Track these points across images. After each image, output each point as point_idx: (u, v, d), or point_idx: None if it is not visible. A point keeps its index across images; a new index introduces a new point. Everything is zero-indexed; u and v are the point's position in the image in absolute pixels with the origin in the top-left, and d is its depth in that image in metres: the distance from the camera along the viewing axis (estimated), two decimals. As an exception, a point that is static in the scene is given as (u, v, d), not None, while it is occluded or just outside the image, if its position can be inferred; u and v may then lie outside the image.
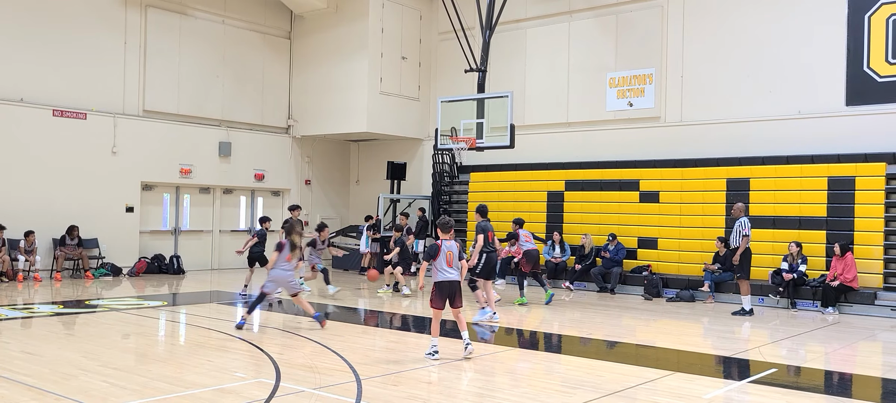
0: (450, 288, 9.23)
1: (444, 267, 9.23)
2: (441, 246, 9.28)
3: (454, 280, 9.25)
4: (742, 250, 13.96)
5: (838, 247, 14.70)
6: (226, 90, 21.87)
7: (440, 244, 9.33)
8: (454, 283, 9.25)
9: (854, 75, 16.21)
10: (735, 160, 17.36)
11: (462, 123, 17.33)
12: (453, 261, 9.25)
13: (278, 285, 11.54)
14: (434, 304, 9.26)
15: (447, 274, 9.22)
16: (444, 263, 9.23)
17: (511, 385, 8.08)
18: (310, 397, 7.40)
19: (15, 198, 17.62)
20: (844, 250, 14.69)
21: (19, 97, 17.87)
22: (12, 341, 10.12)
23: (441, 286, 9.23)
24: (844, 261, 14.62)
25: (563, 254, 18.57)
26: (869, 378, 9.38)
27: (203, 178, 21.38)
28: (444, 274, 9.23)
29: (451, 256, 9.23)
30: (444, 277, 9.22)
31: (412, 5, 22.69)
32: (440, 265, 9.24)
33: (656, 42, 18.93)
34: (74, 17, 18.82)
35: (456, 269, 9.27)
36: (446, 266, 9.23)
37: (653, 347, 10.95)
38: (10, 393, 7.25)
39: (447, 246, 9.29)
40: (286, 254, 11.42)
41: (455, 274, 9.26)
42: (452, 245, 9.33)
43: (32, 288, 16.11)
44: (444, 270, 9.23)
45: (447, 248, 9.26)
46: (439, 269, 9.25)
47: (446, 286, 9.23)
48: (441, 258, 9.23)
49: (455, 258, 9.27)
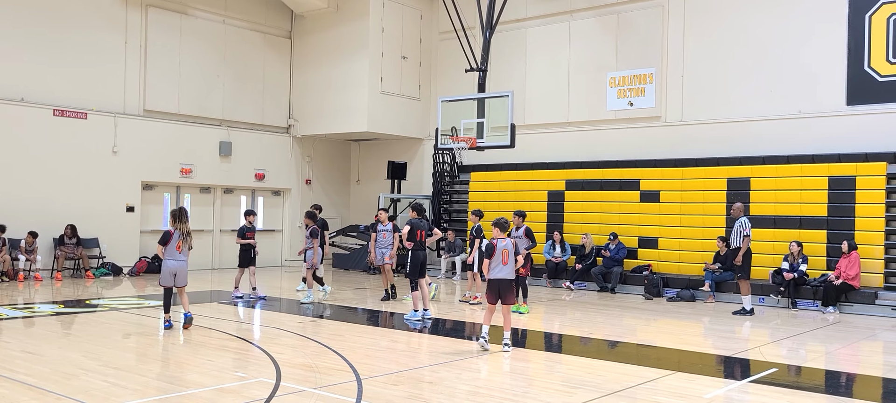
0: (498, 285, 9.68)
1: (498, 264, 9.63)
2: (497, 245, 9.67)
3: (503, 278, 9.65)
4: (744, 250, 13.92)
5: (846, 245, 14.70)
6: (226, 90, 21.87)
7: (495, 243, 9.72)
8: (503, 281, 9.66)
9: (855, 75, 16.20)
10: (735, 160, 17.36)
11: (462, 123, 17.32)
12: (509, 259, 9.62)
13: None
14: (488, 298, 9.87)
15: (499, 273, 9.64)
16: (498, 261, 9.62)
17: (512, 385, 8.08)
18: (310, 396, 7.40)
19: (15, 198, 17.63)
20: (851, 248, 14.69)
21: (20, 97, 17.88)
22: (13, 341, 10.13)
23: (491, 283, 9.72)
24: (850, 259, 14.63)
25: (563, 254, 18.57)
26: (870, 377, 9.38)
27: (204, 178, 21.39)
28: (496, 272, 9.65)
29: (507, 254, 9.61)
30: (495, 275, 9.66)
31: (413, 5, 22.69)
32: (494, 263, 9.63)
33: (657, 42, 18.92)
34: (75, 17, 18.82)
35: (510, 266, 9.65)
36: (502, 263, 9.61)
37: (653, 347, 10.95)
38: (11, 393, 7.25)
39: (502, 244, 9.67)
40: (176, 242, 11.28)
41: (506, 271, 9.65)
42: (508, 243, 9.71)
43: (33, 288, 16.11)
44: (497, 268, 9.63)
45: (503, 247, 9.65)
46: (491, 267, 9.64)
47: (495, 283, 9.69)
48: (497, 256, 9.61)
49: (511, 256, 9.64)
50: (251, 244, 14.93)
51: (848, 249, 14.70)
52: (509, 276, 9.68)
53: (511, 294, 9.78)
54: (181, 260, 11.32)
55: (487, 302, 9.91)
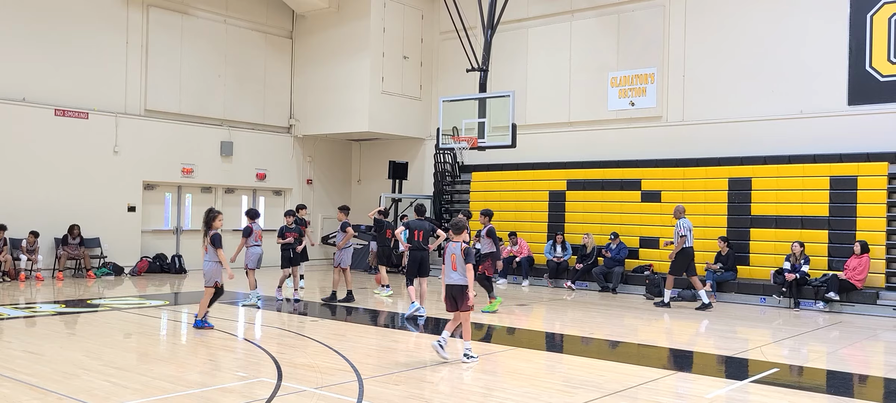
0: (447, 291, 9.13)
1: (447, 270, 9.13)
2: (446, 249, 9.19)
3: (451, 283, 9.09)
4: (678, 249, 14.66)
5: (859, 246, 14.68)
6: (227, 90, 21.88)
7: (446, 247, 9.26)
8: (453, 286, 9.08)
9: (856, 75, 16.19)
10: (737, 160, 17.35)
11: (464, 123, 17.33)
12: (457, 264, 9.01)
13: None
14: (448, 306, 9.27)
15: (448, 278, 9.12)
16: (448, 266, 9.12)
17: (513, 385, 8.08)
18: (311, 396, 7.40)
19: (17, 198, 17.64)
20: (863, 249, 14.67)
21: (21, 97, 17.89)
22: (15, 340, 10.13)
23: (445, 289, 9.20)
24: (861, 261, 14.61)
25: (564, 254, 18.57)
26: (871, 377, 9.38)
27: (205, 178, 21.39)
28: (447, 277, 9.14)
29: (455, 258, 9.03)
30: (445, 280, 9.16)
31: (414, 5, 22.69)
32: (446, 267, 9.16)
33: (658, 41, 18.92)
34: (76, 17, 18.83)
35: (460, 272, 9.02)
36: (450, 269, 9.10)
37: (654, 347, 10.95)
38: (12, 393, 7.26)
39: (452, 248, 9.13)
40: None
41: (455, 277, 9.06)
42: (456, 247, 9.10)
43: (34, 288, 16.12)
44: (448, 273, 9.13)
45: (451, 251, 9.11)
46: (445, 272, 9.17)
47: (446, 289, 9.16)
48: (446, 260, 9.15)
49: (458, 260, 9.01)
50: (289, 243, 14.56)
51: (860, 251, 14.67)
52: (461, 282, 8.99)
53: (465, 299, 9.01)
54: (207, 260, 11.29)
55: (447, 309, 9.27)
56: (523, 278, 18.82)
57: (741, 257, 16.52)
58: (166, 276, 19.37)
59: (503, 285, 18.62)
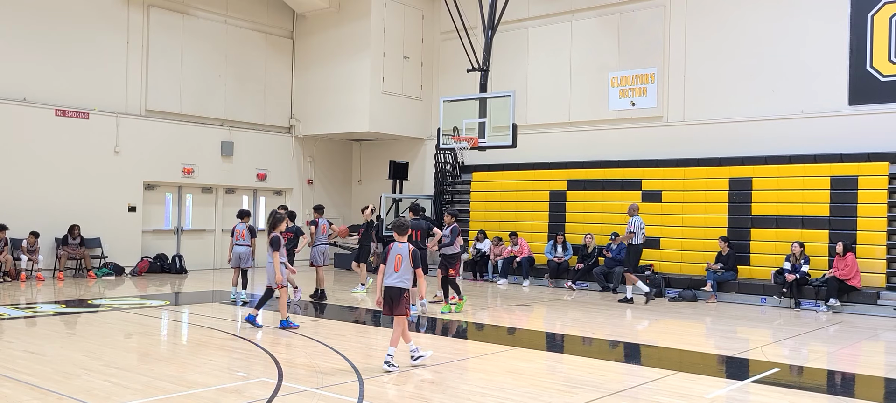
0: (388, 293, 8.66)
1: (390, 271, 8.65)
2: (390, 250, 8.70)
3: (393, 286, 8.62)
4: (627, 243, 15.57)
5: (841, 246, 14.69)
6: (228, 90, 21.89)
7: (390, 247, 8.74)
8: (394, 289, 8.62)
9: (856, 75, 16.19)
10: (737, 160, 17.35)
11: (464, 123, 17.33)
12: (401, 265, 8.60)
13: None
14: (383, 311, 8.77)
15: (389, 279, 8.65)
16: (390, 268, 8.65)
17: (513, 385, 8.08)
18: (312, 396, 7.40)
19: (17, 198, 17.65)
20: (846, 250, 14.69)
21: (22, 97, 17.90)
22: (15, 340, 10.14)
23: (385, 290, 8.69)
24: (845, 261, 14.62)
25: (565, 254, 18.57)
26: (872, 377, 9.37)
27: (205, 178, 21.40)
28: (388, 279, 8.66)
29: (400, 259, 8.61)
30: (387, 282, 8.65)
31: (414, 5, 22.69)
32: (387, 270, 8.67)
33: (658, 41, 18.91)
34: (77, 17, 18.84)
35: (404, 273, 8.62)
36: (393, 269, 8.63)
37: (655, 347, 10.95)
38: (13, 393, 7.26)
39: (396, 248, 8.68)
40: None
41: (397, 279, 8.61)
42: (402, 248, 8.68)
43: (35, 288, 16.13)
44: (389, 274, 8.65)
45: (396, 252, 8.66)
46: (386, 274, 8.68)
47: (385, 291, 8.68)
48: (389, 262, 8.66)
49: (404, 261, 8.59)
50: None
51: (842, 251, 14.68)
52: (402, 285, 8.57)
53: (402, 304, 8.58)
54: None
55: (386, 314, 8.73)
56: (524, 278, 18.83)
57: (742, 257, 16.52)
58: (167, 276, 19.38)
59: (504, 285, 18.63)
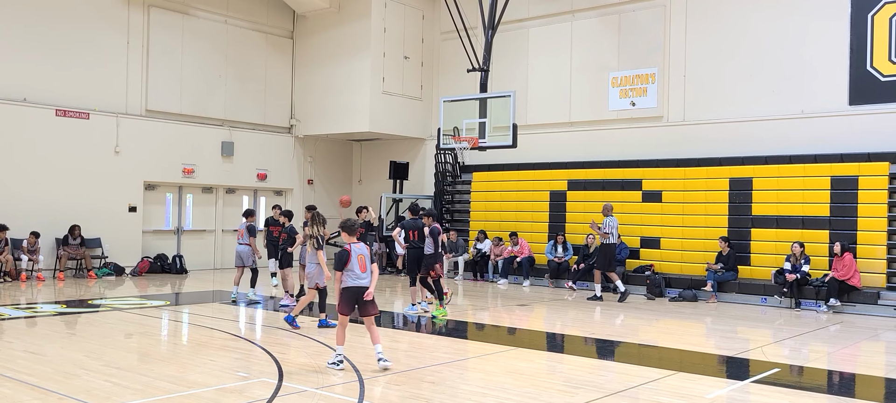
0: (360, 293, 8.52)
1: (356, 271, 8.51)
2: (351, 252, 8.54)
3: (364, 285, 8.53)
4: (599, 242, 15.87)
5: (838, 247, 14.69)
6: (228, 90, 21.89)
7: (349, 249, 8.56)
8: (363, 289, 8.51)
9: (857, 75, 16.18)
10: (737, 159, 17.35)
11: (464, 123, 17.33)
12: (366, 265, 8.58)
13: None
14: (342, 309, 8.55)
15: (359, 279, 8.53)
16: (357, 268, 8.52)
17: (514, 385, 8.08)
18: (312, 396, 7.40)
19: (18, 198, 17.65)
20: (844, 250, 14.68)
21: (22, 97, 17.90)
22: (16, 340, 10.14)
23: (350, 290, 8.53)
24: (843, 261, 14.61)
25: (565, 254, 18.56)
26: (872, 377, 9.37)
27: (206, 178, 21.40)
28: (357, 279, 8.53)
29: (363, 259, 8.56)
30: (355, 282, 8.52)
31: (414, 5, 22.69)
32: (352, 271, 8.50)
33: (659, 41, 18.91)
34: (77, 17, 18.84)
35: (369, 273, 8.58)
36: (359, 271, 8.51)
37: (655, 347, 10.95)
38: (13, 393, 7.26)
39: (357, 249, 8.58)
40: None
41: (366, 278, 8.55)
42: (362, 248, 8.65)
43: (35, 288, 16.13)
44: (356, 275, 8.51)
45: (358, 252, 8.56)
46: (350, 275, 8.51)
47: (355, 291, 8.52)
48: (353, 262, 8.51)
49: (367, 261, 8.60)
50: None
51: (840, 251, 14.67)
52: (368, 284, 8.53)
53: (370, 304, 8.53)
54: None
55: (340, 313, 8.53)
56: (524, 278, 18.82)
57: (742, 257, 16.52)
58: (167, 276, 19.38)
59: (504, 285, 18.63)
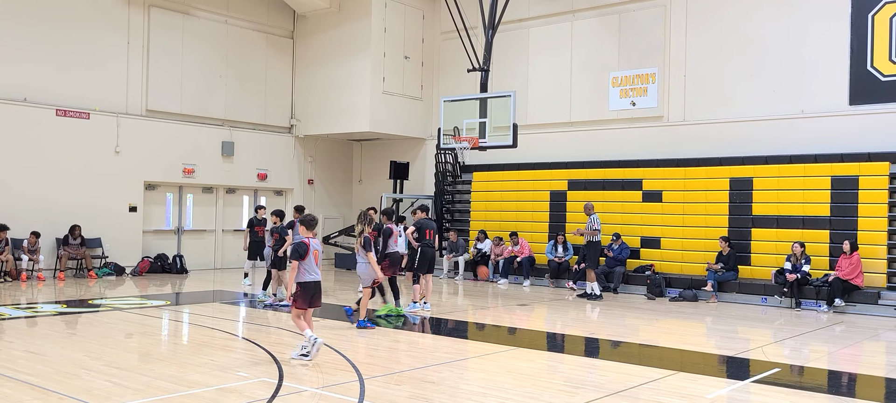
0: (315, 288, 9.06)
1: (312, 267, 9.01)
2: (310, 245, 9.00)
3: (319, 280, 9.11)
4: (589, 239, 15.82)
5: (848, 245, 14.68)
6: (229, 90, 21.89)
7: (308, 243, 9.00)
8: (318, 283, 9.10)
9: (857, 74, 16.18)
10: (738, 159, 17.35)
11: (465, 123, 17.33)
12: (319, 260, 9.13)
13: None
14: (299, 305, 9.01)
15: (315, 274, 9.02)
16: (313, 263, 9.01)
17: (514, 385, 8.08)
18: (313, 396, 7.40)
19: (18, 198, 17.65)
20: (853, 248, 14.67)
21: (23, 97, 17.90)
22: (16, 340, 10.14)
23: (307, 286, 9.00)
24: (851, 260, 14.60)
25: (565, 254, 18.56)
26: (873, 377, 9.37)
27: (206, 178, 21.40)
28: (312, 274, 9.01)
29: (318, 255, 9.07)
30: (312, 277, 9.01)
31: (415, 5, 22.69)
32: (308, 265, 8.99)
33: (659, 41, 18.91)
34: (78, 17, 18.84)
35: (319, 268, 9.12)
36: (314, 265, 9.02)
37: (656, 347, 10.94)
38: (13, 393, 7.26)
39: (314, 244, 9.04)
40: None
41: (319, 274, 9.10)
42: (318, 244, 9.15)
43: (36, 288, 16.13)
44: (312, 270, 9.01)
45: (314, 247, 9.02)
46: (307, 269, 8.99)
47: (313, 286, 9.03)
48: (310, 257, 8.98)
49: (320, 257, 9.13)
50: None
51: (849, 250, 14.67)
52: (320, 278, 9.13)
53: (319, 297, 9.18)
54: None
55: (297, 308, 9.01)
56: (524, 278, 18.82)
57: (742, 257, 16.52)
58: (167, 276, 19.38)
59: (504, 285, 18.63)
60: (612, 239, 17.75)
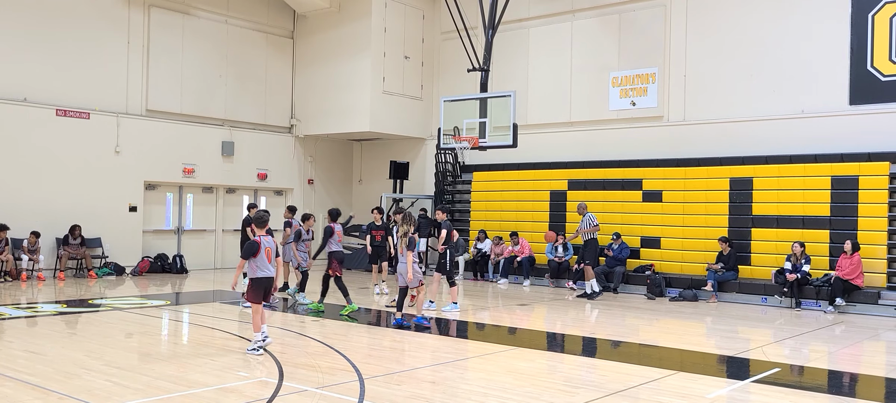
0: (267, 283, 9.49)
1: (264, 263, 9.40)
2: (261, 243, 9.41)
3: (272, 276, 9.51)
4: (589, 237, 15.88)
5: (849, 245, 14.66)
6: (229, 90, 21.89)
7: (259, 241, 9.44)
8: (271, 279, 9.51)
9: (857, 74, 16.18)
10: (738, 159, 17.35)
11: (465, 123, 17.33)
12: (271, 257, 9.48)
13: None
14: (252, 298, 9.45)
15: (267, 271, 9.43)
16: (265, 260, 9.40)
17: (514, 385, 8.08)
18: (313, 396, 7.40)
19: (18, 198, 17.65)
20: (854, 248, 14.66)
21: (23, 97, 17.90)
22: (16, 340, 10.14)
23: (260, 282, 9.41)
24: (852, 260, 14.60)
25: (565, 254, 18.56)
26: (873, 377, 9.37)
27: (206, 178, 21.40)
28: (264, 270, 9.41)
29: (270, 252, 9.47)
30: (263, 274, 9.41)
31: (415, 5, 22.69)
32: (260, 262, 9.38)
33: (659, 41, 18.91)
34: (78, 17, 18.84)
35: (274, 265, 9.51)
36: (267, 263, 9.42)
37: (656, 346, 10.94)
38: (14, 392, 7.27)
39: (266, 242, 9.46)
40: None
41: (273, 270, 9.50)
42: (270, 241, 9.54)
43: (36, 288, 16.13)
44: (264, 267, 9.40)
45: (266, 245, 9.44)
46: (259, 266, 9.39)
47: (265, 281, 9.44)
48: (261, 254, 9.37)
49: (273, 254, 9.50)
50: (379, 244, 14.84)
51: (851, 250, 14.66)
52: (274, 274, 9.57)
53: (270, 292, 9.65)
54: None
55: (250, 301, 9.51)
56: (524, 278, 18.82)
57: (742, 257, 16.52)
58: (167, 276, 19.38)
59: (504, 285, 18.63)
60: (611, 238, 17.76)
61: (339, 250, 13.07)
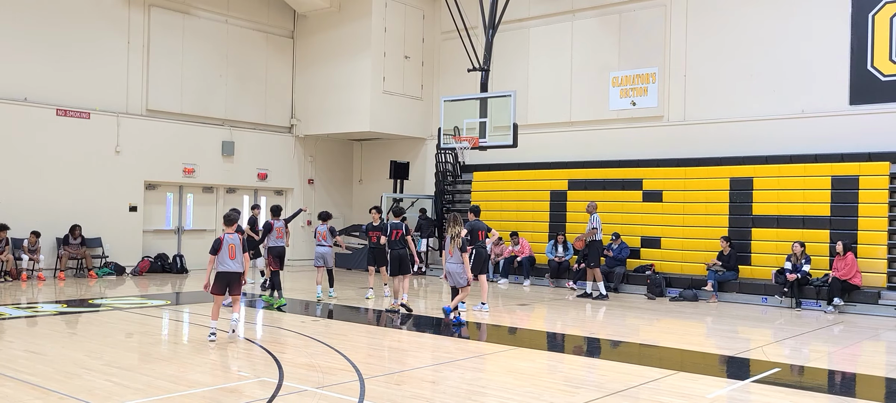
0: (228, 277, 10.19)
1: (226, 259, 10.12)
2: (223, 240, 10.15)
3: (235, 271, 10.20)
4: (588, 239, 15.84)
5: (840, 246, 14.67)
6: (229, 89, 21.90)
7: (223, 238, 10.17)
8: (235, 274, 10.22)
9: (857, 74, 16.18)
10: (738, 159, 17.35)
11: (465, 122, 17.34)
12: (236, 253, 10.18)
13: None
14: (215, 291, 10.19)
15: (228, 266, 10.13)
16: (226, 256, 10.13)
17: (514, 384, 8.08)
18: (313, 396, 7.40)
19: (18, 198, 17.65)
20: (846, 249, 14.68)
21: (23, 97, 17.91)
22: (16, 340, 10.15)
23: (221, 276, 10.18)
24: (845, 261, 14.61)
25: (566, 254, 18.56)
26: (873, 377, 9.37)
27: (206, 178, 21.41)
28: (224, 266, 10.13)
29: (233, 248, 10.17)
30: (224, 268, 10.14)
31: (415, 5, 22.69)
32: (222, 257, 10.12)
33: (659, 41, 18.91)
34: (78, 17, 18.85)
35: (238, 261, 10.20)
36: (228, 258, 10.13)
37: (656, 346, 10.95)
38: (14, 392, 7.27)
39: (229, 239, 10.16)
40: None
41: (235, 265, 10.18)
42: (235, 238, 10.22)
43: (36, 288, 16.13)
44: (226, 262, 10.12)
45: (230, 241, 10.16)
46: (220, 261, 10.13)
47: (226, 276, 10.18)
48: (224, 250, 10.12)
49: (238, 250, 10.20)
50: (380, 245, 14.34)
51: (842, 250, 14.66)
52: (240, 269, 10.22)
53: (238, 285, 10.30)
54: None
55: (213, 293, 10.21)
56: (525, 278, 18.83)
57: (743, 257, 16.52)
58: (168, 276, 19.38)
59: (505, 285, 18.63)
60: (611, 238, 17.75)
61: (276, 245, 13.78)
